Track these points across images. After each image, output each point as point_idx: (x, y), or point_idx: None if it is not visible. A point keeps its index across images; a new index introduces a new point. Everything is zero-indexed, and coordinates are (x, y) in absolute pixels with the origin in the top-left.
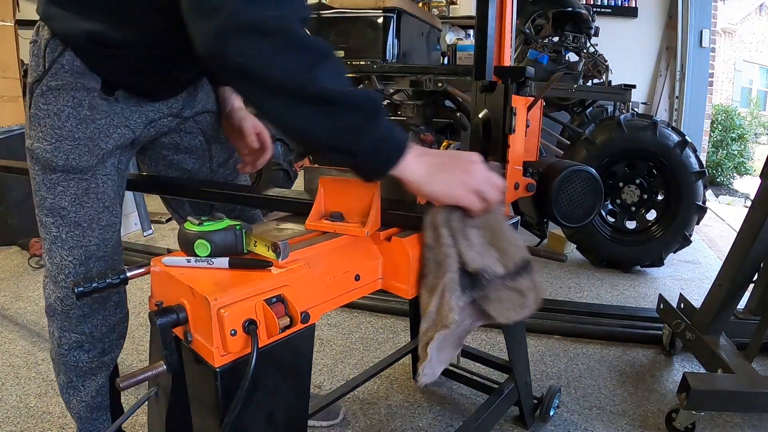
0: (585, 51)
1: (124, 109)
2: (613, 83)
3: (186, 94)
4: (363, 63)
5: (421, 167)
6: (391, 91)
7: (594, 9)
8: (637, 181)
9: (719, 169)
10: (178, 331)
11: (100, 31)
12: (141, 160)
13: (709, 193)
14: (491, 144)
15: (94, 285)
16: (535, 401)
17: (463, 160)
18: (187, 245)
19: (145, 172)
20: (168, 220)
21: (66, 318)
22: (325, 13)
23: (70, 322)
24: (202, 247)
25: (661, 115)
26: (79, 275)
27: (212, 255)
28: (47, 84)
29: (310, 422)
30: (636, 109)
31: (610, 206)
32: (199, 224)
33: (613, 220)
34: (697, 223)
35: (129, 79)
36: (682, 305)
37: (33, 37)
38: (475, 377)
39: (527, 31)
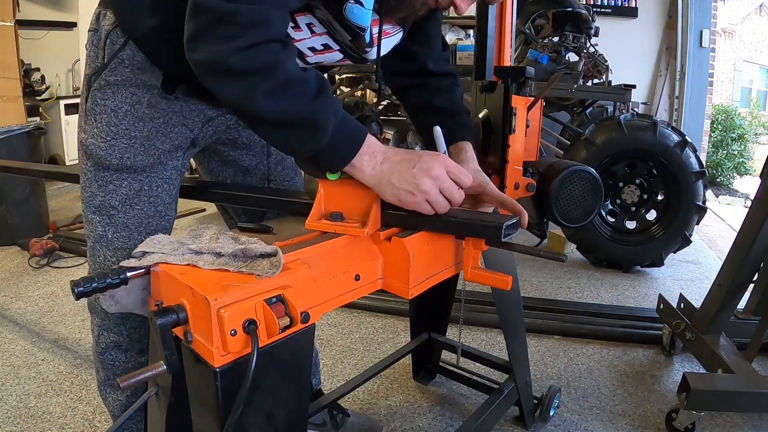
0: (585, 51)
1: (183, 107)
2: (613, 83)
3: None
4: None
5: (374, 173)
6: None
7: (594, 9)
8: (637, 181)
9: (719, 169)
10: (178, 331)
11: (167, 24)
12: (195, 155)
13: (709, 193)
14: (491, 144)
15: (94, 285)
16: (535, 401)
17: (420, 160)
18: None
19: (198, 169)
20: None
21: (105, 317)
22: None
23: (108, 322)
24: None
25: (661, 115)
26: None
27: None
28: (105, 78)
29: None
30: (636, 109)
31: (610, 206)
32: None
33: (613, 220)
34: (697, 223)
35: (192, 73)
36: (682, 305)
37: (92, 26)
38: (475, 377)
39: (527, 31)
